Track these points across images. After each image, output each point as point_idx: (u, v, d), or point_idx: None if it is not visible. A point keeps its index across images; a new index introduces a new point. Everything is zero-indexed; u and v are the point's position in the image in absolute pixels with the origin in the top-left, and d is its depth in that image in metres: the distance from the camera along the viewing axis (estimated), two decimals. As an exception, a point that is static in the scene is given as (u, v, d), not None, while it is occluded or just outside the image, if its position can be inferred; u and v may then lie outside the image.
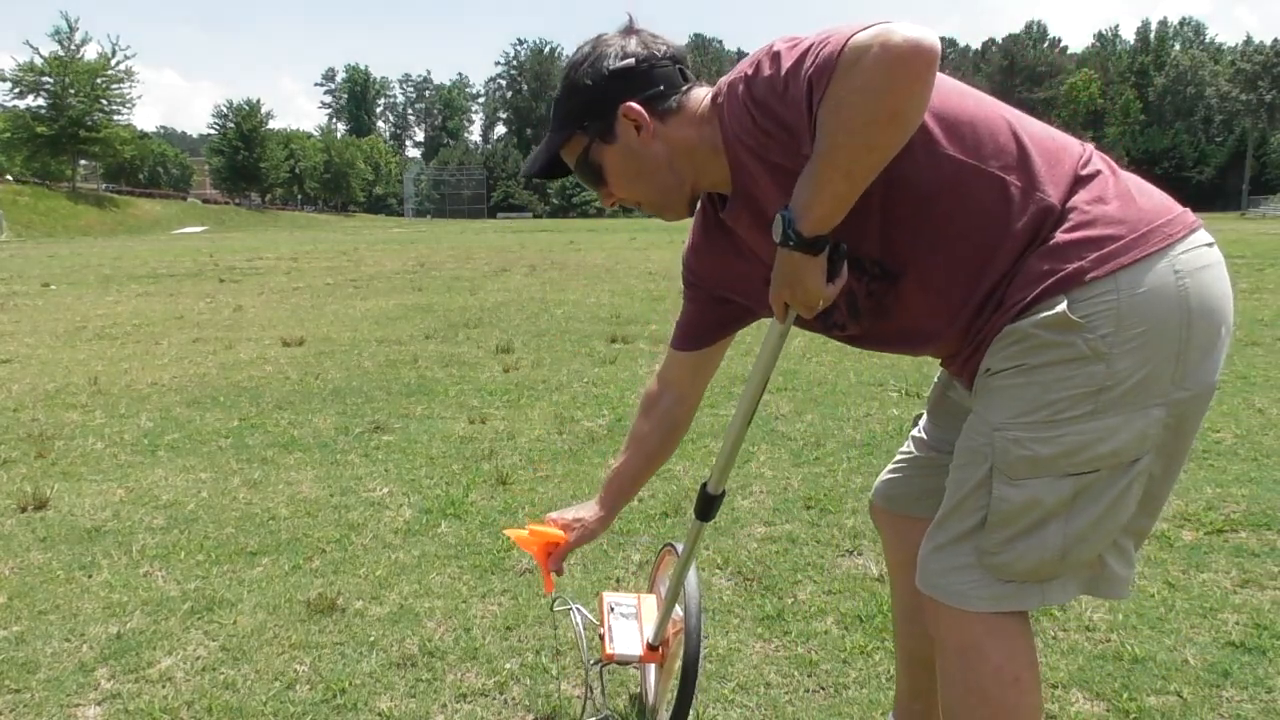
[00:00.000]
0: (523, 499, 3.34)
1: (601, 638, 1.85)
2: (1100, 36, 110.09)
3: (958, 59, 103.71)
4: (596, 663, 1.86)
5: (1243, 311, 7.98)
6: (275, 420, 4.59)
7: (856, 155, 1.09)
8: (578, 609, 1.94)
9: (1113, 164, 1.26)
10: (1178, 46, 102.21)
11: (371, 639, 2.30)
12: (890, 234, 1.23)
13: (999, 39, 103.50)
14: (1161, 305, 1.15)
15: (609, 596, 1.95)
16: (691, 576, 1.75)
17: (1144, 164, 78.99)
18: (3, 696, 2.05)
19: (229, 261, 18.20)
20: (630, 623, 1.87)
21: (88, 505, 3.33)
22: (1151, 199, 1.22)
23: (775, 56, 1.16)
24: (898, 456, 1.62)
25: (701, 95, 1.30)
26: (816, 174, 1.12)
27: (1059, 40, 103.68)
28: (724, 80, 1.26)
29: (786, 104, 1.15)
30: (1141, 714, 1.91)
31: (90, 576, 2.71)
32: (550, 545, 1.70)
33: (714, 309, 1.52)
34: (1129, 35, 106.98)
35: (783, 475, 3.55)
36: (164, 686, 2.09)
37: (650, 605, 1.90)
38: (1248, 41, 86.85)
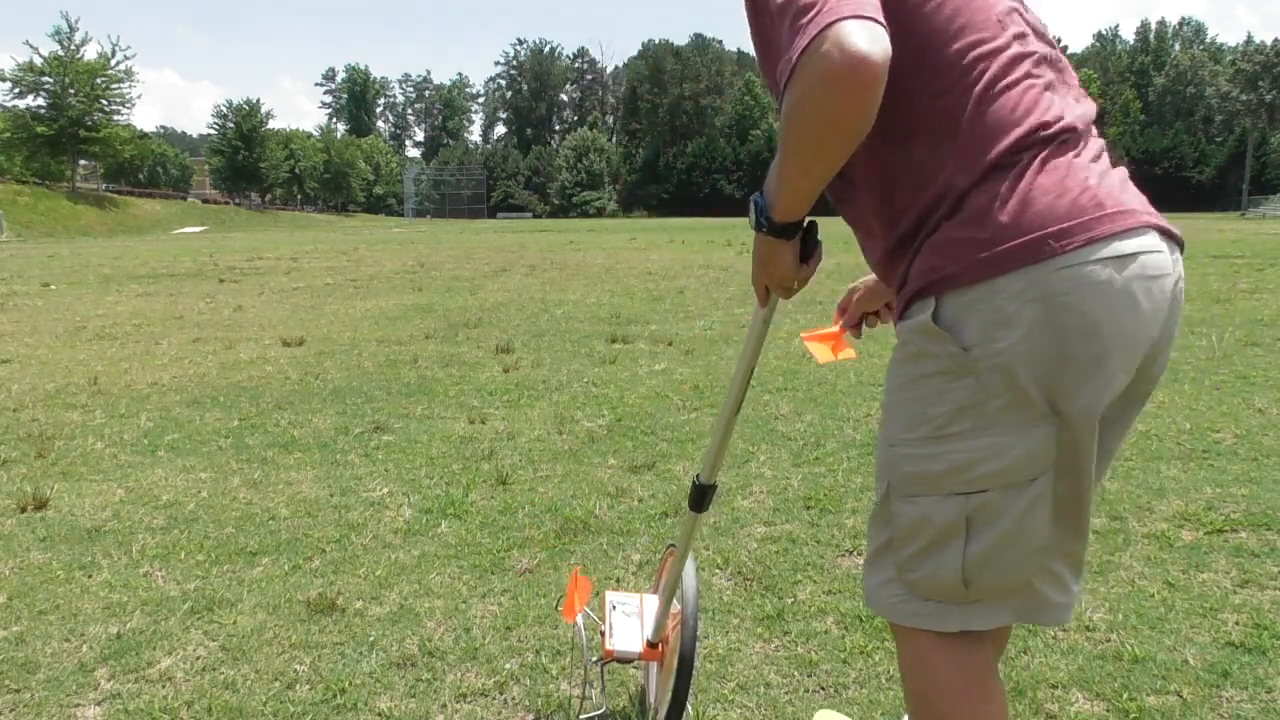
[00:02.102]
0: (523, 499, 3.34)
1: (602, 635, 1.87)
2: (1100, 36, 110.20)
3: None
4: (598, 660, 1.88)
5: (1243, 311, 7.98)
6: (275, 420, 4.59)
7: (809, 158, 1.10)
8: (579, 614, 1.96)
9: (1079, 146, 1.15)
10: (1177, 46, 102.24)
11: (371, 639, 2.30)
12: None
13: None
14: (1030, 321, 1.08)
15: (611, 595, 1.97)
16: (689, 571, 1.78)
17: (1144, 164, 79.03)
18: (3, 696, 2.05)
19: (229, 261, 18.20)
20: (632, 621, 1.89)
21: (88, 505, 3.33)
22: (1061, 198, 1.10)
23: None
24: None
25: None
26: (780, 167, 1.14)
27: (1059, 40, 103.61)
28: None
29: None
30: (1141, 714, 1.91)
31: (90, 576, 2.71)
32: (835, 336, 1.66)
33: None
34: (1129, 35, 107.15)
35: (783, 475, 3.55)
36: (164, 686, 2.09)
37: (652, 605, 1.91)
38: (1248, 41, 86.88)
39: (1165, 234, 1.16)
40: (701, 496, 1.62)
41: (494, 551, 2.85)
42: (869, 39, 1.01)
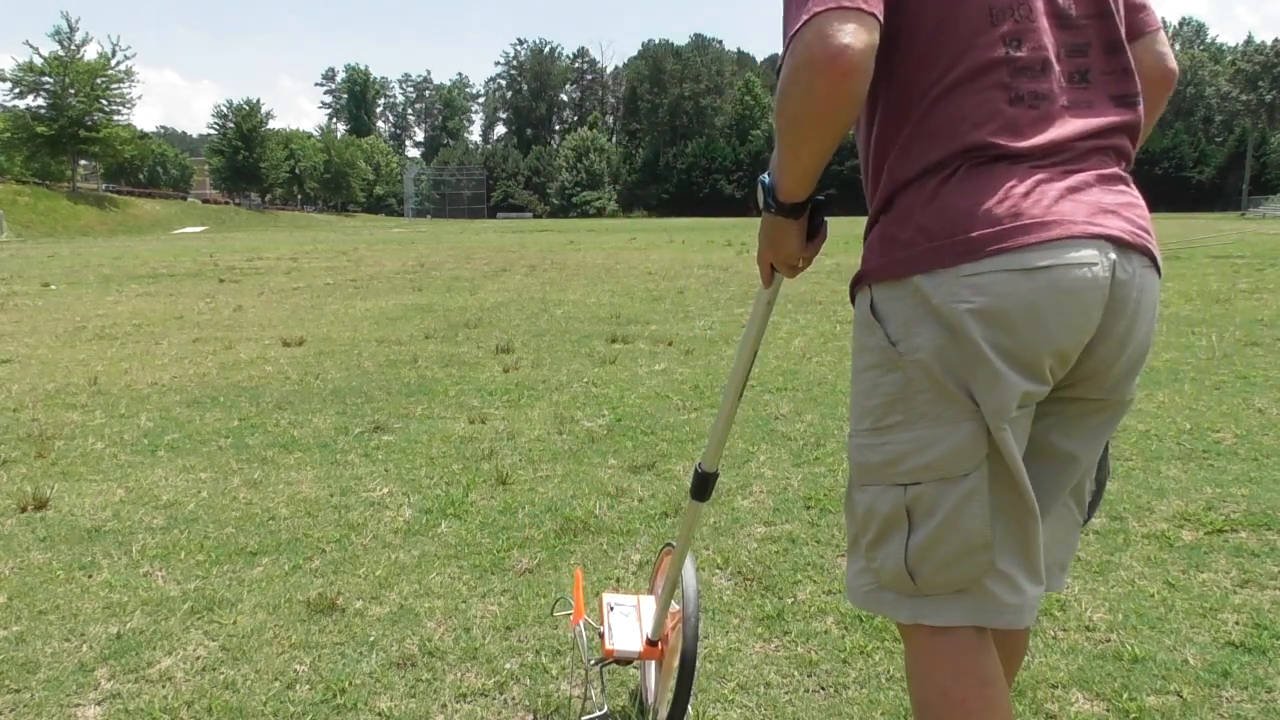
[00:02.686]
0: (523, 499, 3.34)
1: (601, 636, 1.88)
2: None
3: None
4: (597, 662, 1.88)
5: (1243, 311, 7.99)
6: (275, 420, 4.59)
7: (797, 140, 1.13)
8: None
9: (1008, 154, 1.14)
10: (1178, 46, 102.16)
11: (371, 639, 2.30)
12: None
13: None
14: (935, 323, 1.13)
15: (609, 597, 1.99)
16: (689, 568, 1.78)
17: (1144, 164, 78.99)
18: (3, 696, 2.05)
19: (229, 261, 18.20)
20: (630, 621, 1.90)
21: (88, 505, 3.33)
22: (974, 209, 1.12)
23: None
24: None
25: None
26: (779, 151, 1.18)
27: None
28: None
29: None
30: (1141, 714, 1.91)
31: (90, 576, 2.71)
32: None
33: None
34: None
35: (783, 475, 3.55)
36: (164, 686, 2.09)
37: (649, 605, 1.92)
38: (1248, 41, 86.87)
39: (1119, 244, 1.13)
40: (704, 484, 1.62)
41: (494, 551, 2.85)
42: (852, 30, 1.03)
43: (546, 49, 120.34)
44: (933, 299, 1.13)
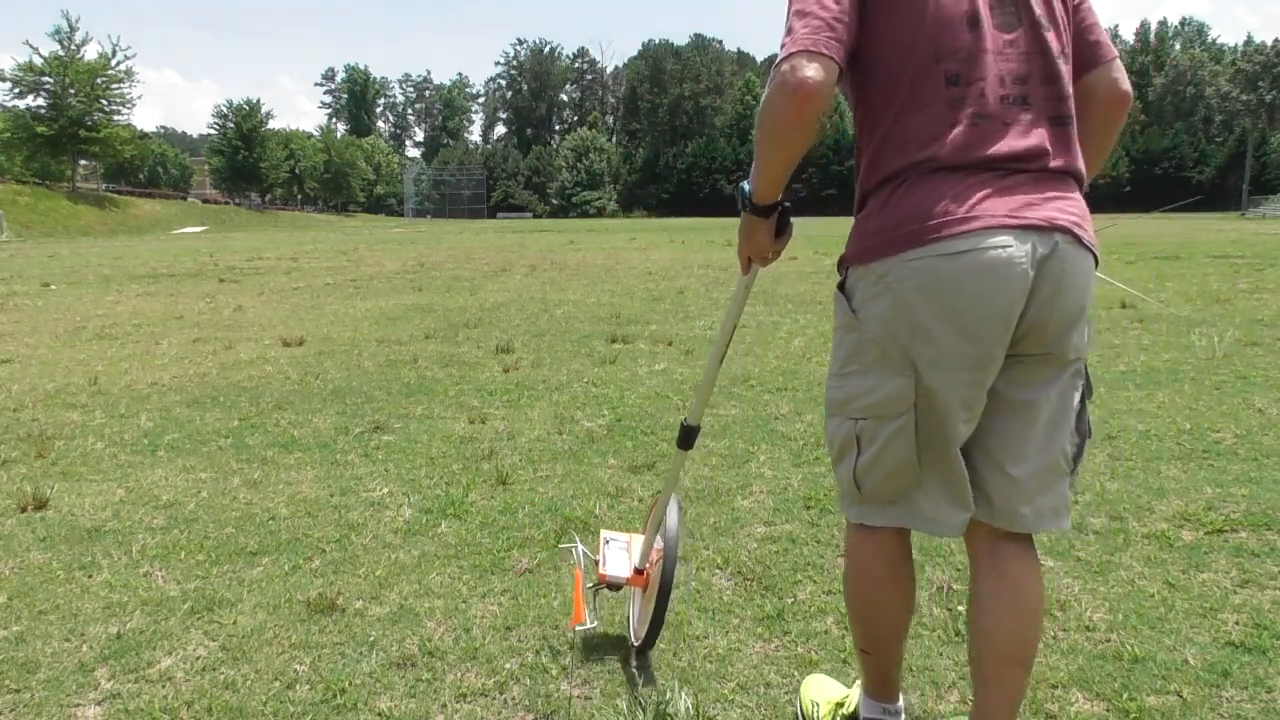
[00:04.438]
0: (523, 499, 3.34)
1: (597, 564, 2.21)
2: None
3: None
4: (593, 585, 2.23)
5: (1243, 311, 7.98)
6: (275, 420, 4.59)
7: (769, 150, 1.47)
8: (579, 545, 2.37)
9: (940, 164, 1.44)
10: (1178, 46, 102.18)
11: (371, 639, 2.30)
12: None
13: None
14: (888, 297, 1.47)
15: (605, 533, 2.33)
16: (673, 509, 2.10)
17: (1144, 164, 79.01)
18: (3, 696, 2.05)
19: (229, 261, 18.20)
20: (622, 553, 2.24)
21: (88, 505, 3.33)
22: (914, 210, 1.43)
23: None
24: None
25: None
26: (755, 160, 1.51)
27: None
28: None
29: None
30: (1141, 714, 1.91)
31: (90, 576, 2.71)
32: None
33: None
34: (1129, 35, 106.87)
35: (783, 475, 3.55)
36: (164, 686, 2.09)
37: (639, 542, 2.23)
38: (1248, 42, 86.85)
39: (1039, 230, 1.41)
40: (688, 436, 1.97)
41: (494, 551, 2.85)
42: (815, 68, 1.37)
43: (546, 49, 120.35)
44: (886, 278, 1.46)
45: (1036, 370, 1.50)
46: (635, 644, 2.17)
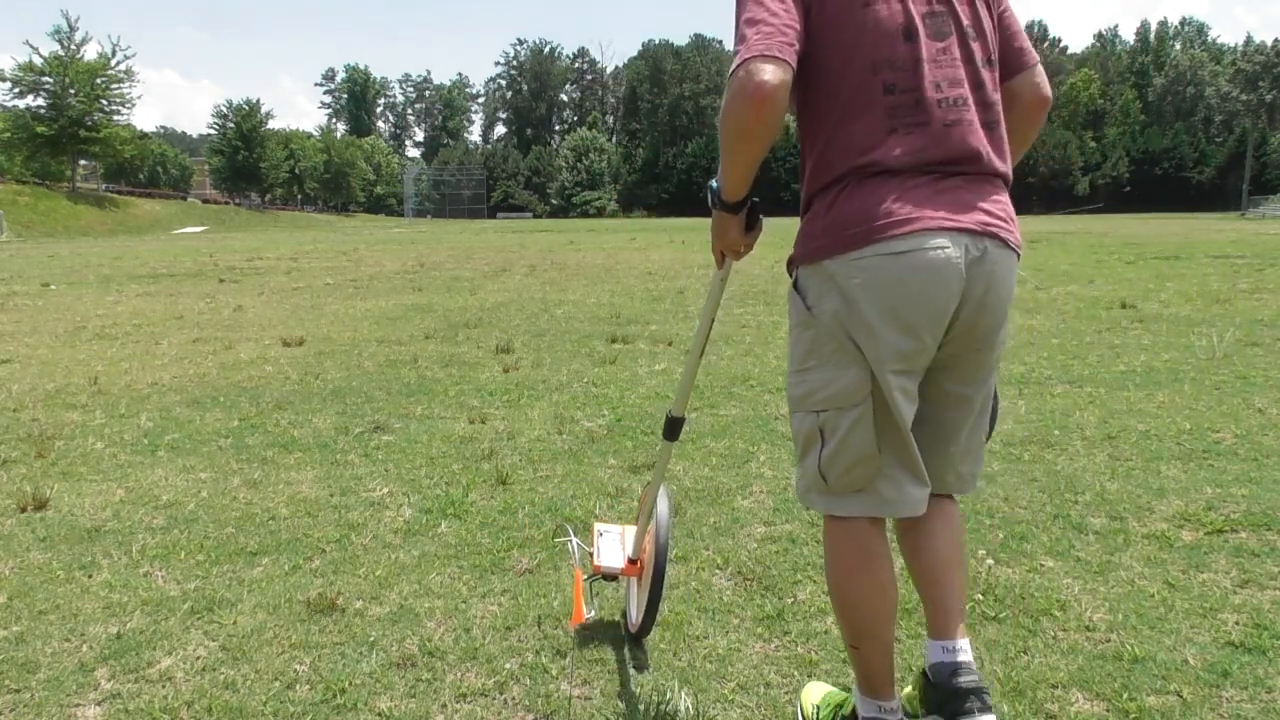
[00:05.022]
0: (523, 499, 3.34)
1: (591, 556, 2.29)
2: (1100, 37, 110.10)
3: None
4: (589, 576, 2.29)
5: (1243, 311, 7.98)
6: (275, 420, 4.59)
7: (731, 151, 1.53)
8: (574, 538, 2.47)
9: (877, 169, 1.52)
10: (1178, 46, 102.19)
11: (371, 639, 2.29)
12: None
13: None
14: (837, 294, 1.55)
15: (599, 525, 2.41)
16: (663, 499, 2.13)
17: (1144, 164, 78.98)
18: (3, 696, 2.05)
19: (229, 261, 18.20)
20: (615, 544, 2.31)
21: (88, 505, 3.33)
22: (859, 212, 1.52)
23: None
24: None
25: None
26: (721, 161, 1.56)
27: (1059, 40, 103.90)
28: None
29: None
30: (1141, 714, 1.91)
31: (90, 576, 2.71)
32: None
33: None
34: (1129, 35, 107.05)
35: (783, 475, 3.55)
36: (164, 686, 2.09)
37: (632, 533, 2.28)
38: (1248, 42, 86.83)
39: (972, 233, 1.52)
40: (673, 427, 2.01)
41: (494, 551, 2.85)
42: (771, 70, 1.43)
43: (546, 49, 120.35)
44: (835, 276, 1.55)
45: (976, 369, 1.66)
46: (632, 631, 2.22)
